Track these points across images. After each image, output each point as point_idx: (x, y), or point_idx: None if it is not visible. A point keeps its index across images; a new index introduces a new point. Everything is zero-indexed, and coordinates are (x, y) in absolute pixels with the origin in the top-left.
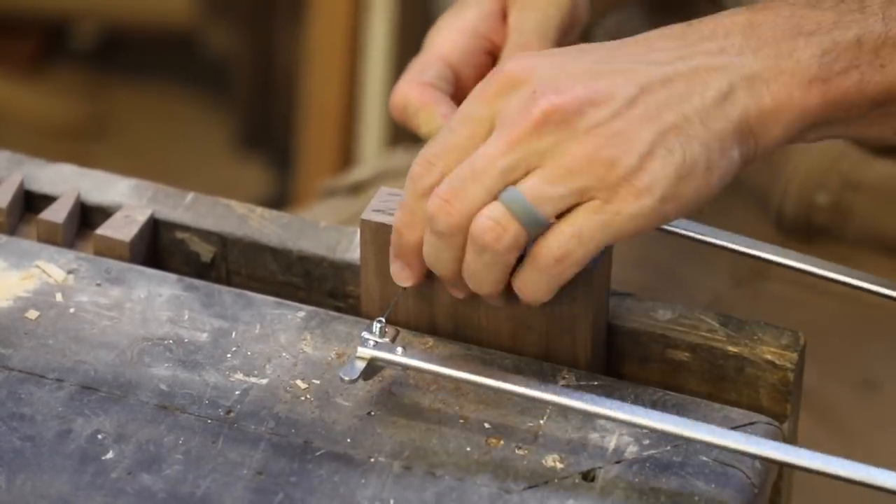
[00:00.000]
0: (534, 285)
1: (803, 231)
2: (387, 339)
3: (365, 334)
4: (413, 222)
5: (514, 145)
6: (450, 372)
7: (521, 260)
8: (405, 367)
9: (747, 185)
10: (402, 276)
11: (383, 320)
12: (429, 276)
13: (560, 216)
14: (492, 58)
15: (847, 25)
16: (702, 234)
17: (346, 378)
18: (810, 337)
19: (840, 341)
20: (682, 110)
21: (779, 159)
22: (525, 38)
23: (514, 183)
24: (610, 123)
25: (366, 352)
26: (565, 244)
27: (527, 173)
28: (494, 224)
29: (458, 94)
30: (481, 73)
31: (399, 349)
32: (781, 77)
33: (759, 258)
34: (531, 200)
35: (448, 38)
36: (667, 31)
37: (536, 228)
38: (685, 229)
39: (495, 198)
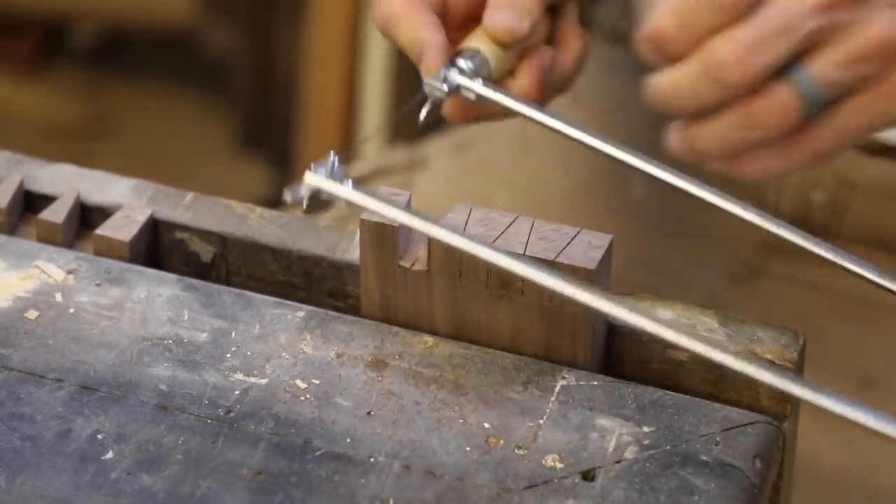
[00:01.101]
0: (775, 166)
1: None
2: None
3: (316, 166)
4: (682, 24)
5: (824, 7)
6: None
7: None
8: (349, 202)
9: (743, 182)
10: (650, 54)
11: (334, 155)
12: (429, 276)
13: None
14: None
15: None
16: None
17: (288, 199)
18: (808, 335)
19: (839, 339)
20: None
21: None
22: None
23: (810, 48)
24: None
25: (314, 179)
26: (828, 142)
27: (819, 42)
28: (782, 110)
29: (446, 15)
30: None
31: (350, 183)
32: None
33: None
34: (822, 85)
35: None
36: None
37: (815, 114)
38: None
39: (789, 66)
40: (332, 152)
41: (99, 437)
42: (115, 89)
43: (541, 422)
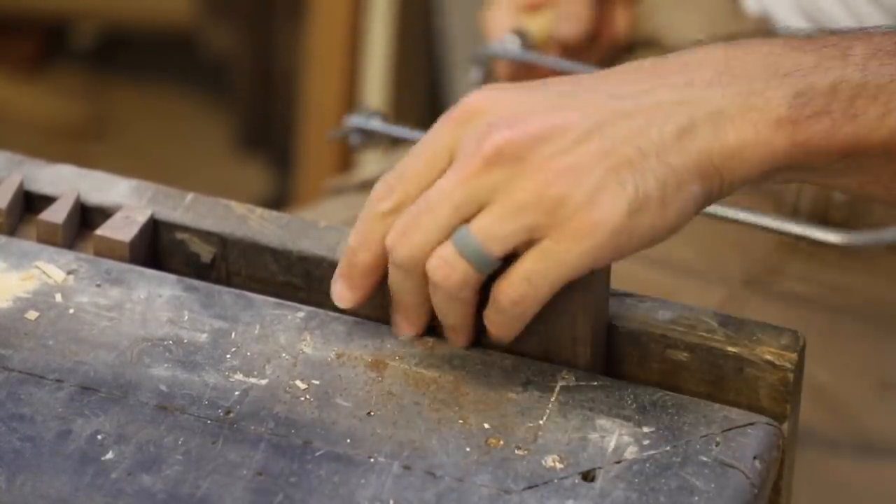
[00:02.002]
0: (499, 324)
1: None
2: None
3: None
4: (365, 242)
5: (467, 180)
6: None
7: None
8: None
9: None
10: (344, 296)
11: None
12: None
13: (513, 254)
14: None
15: (825, 70)
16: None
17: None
18: (825, 336)
19: (855, 341)
20: (639, 144)
21: None
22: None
23: (469, 216)
24: (560, 158)
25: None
26: (518, 288)
27: (480, 207)
28: (444, 264)
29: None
30: None
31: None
32: (749, 114)
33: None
34: (481, 241)
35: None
36: (637, 65)
37: (487, 267)
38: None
39: (449, 233)
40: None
41: (99, 437)
42: (115, 89)
43: (541, 422)
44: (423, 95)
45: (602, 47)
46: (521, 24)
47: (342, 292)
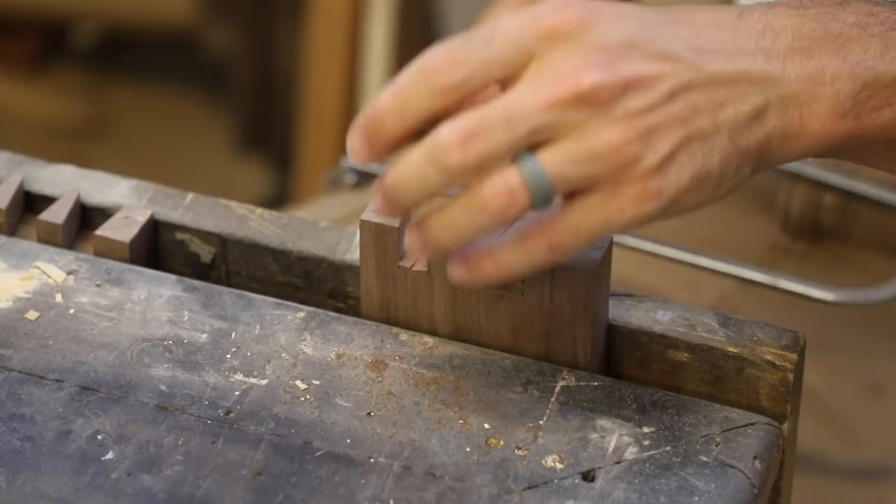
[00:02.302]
0: (513, 261)
1: (809, 231)
2: None
3: None
4: (403, 110)
5: (553, 107)
6: None
7: None
8: None
9: (753, 185)
10: (361, 152)
11: None
12: (429, 276)
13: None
14: None
15: (892, 58)
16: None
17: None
18: (817, 340)
19: (847, 345)
20: (716, 118)
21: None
22: None
23: (541, 142)
24: (645, 116)
25: None
26: (563, 235)
27: (554, 137)
28: (508, 193)
29: None
30: None
31: None
32: (816, 104)
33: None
34: (550, 177)
35: None
36: (719, 19)
37: (546, 205)
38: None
39: (514, 156)
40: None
41: (99, 437)
42: (115, 89)
43: (541, 422)
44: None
45: None
46: None
47: (361, 148)
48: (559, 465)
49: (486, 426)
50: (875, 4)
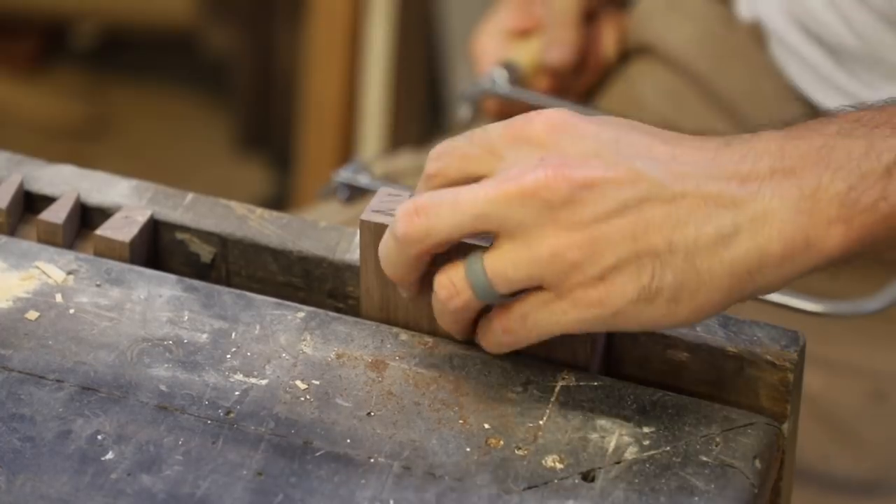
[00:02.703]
0: (489, 339)
1: None
2: None
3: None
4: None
5: (499, 201)
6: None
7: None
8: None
9: None
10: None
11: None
12: (430, 276)
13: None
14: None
15: (878, 155)
16: None
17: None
18: (820, 346)
19: (849, 351)
20: (671, 237)
21: None
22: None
23: (484, 232)
24: (592, 225)
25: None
26: (513, 322)
27: (499, 231)
28: (451, 286)
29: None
30: None
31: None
32: (798, 217)
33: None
34: (490, 276)
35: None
36: (702, 144)
37: (490, 300)
38: None
39: (458, 234)
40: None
41: (99, 437)
42: (115, 89)
43: (541, 422)
44: (423, 95)
45: (591, 71)
46: (509, 52)
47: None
48: (559, 465)
49: (486, 426)
50: (863, 110)
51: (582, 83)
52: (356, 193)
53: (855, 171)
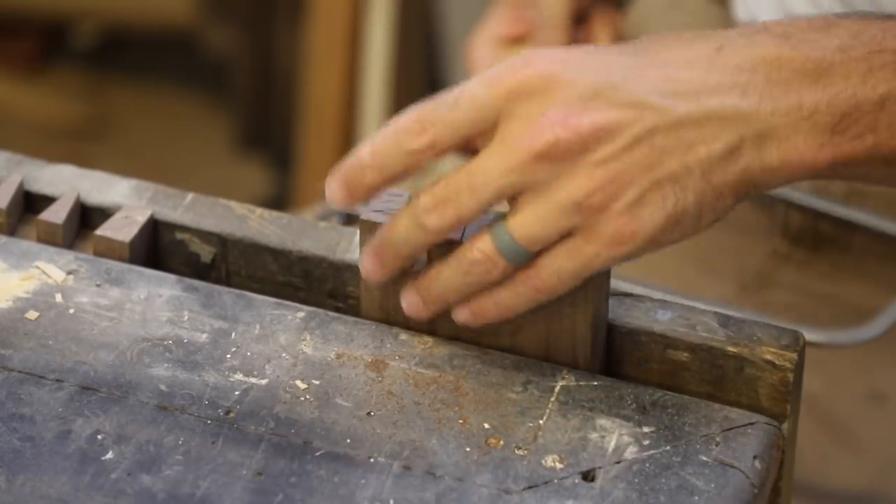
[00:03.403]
0: (508, 304)
1: (810, 239)
2: None
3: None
4: (379, 165)
5: (512, 172)
6: None
7: None
8: None
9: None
10: (337, 197)
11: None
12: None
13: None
14: None
15: (874, 84)
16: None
17: None
18: (818, 346)
19: (848, 352)
20: (686, 160)
21: None
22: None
23: (511, 200)
24: (607, 166)
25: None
26: (546, 280)
27: (521, 194)
28: (485, 259)
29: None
30: None
31: None
32: (795, 137)
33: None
34: (519, 239)
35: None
36: (695, 55)
37: (523, 262)
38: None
39: (484, 211)
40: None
41: (99, 437)
42: (115, 89)
43: (541, 422)
44: (423, 95)
45: None
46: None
47: (340, 195)
48: (559, 465)
49: (486, 426)
50: (862, 21)
51: None
52: (352, 220)
53: (851, 99)
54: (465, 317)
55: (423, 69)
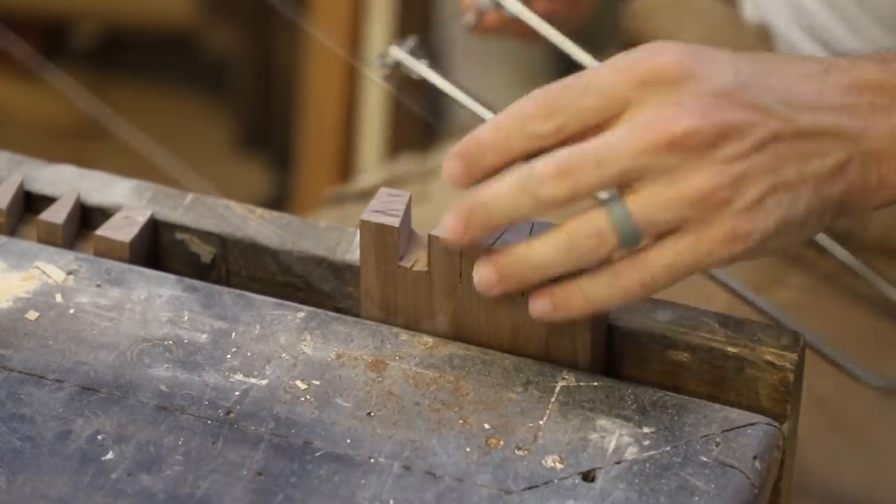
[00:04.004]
0: (605, 297)
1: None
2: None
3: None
4: (500, 148)
5: (644, 153)
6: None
7: None
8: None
9: None
10: (459, 180)
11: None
12: (429, 276)
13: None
14: None
15: None
16: None
17: (376, 64)
18: (828, 345)
19: (857, 350)
20: (802, 170)
21: None
22: None
23: (628, 183)
24: (735, 163)
25: (398, 52)
26: (657, 275)
27: (642, 179)
28: (598, 235)
29: None
30: None
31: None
32: (893, 161)
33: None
34: (637, 222)
35: None
36: (806, 72)
37: (634, 245)
38: None
39: (603, 195)
40: (412, 37)
41: (99, 437)
42: (115, 89)
43: (541, 422)
44: (423, 95)
45: None
46: None
47: (460, 174)
48: (559, 465)
49: (486, 426)
50: None
51: (577, 9)
52: (403, 77)
53: None
54: (544, 308)
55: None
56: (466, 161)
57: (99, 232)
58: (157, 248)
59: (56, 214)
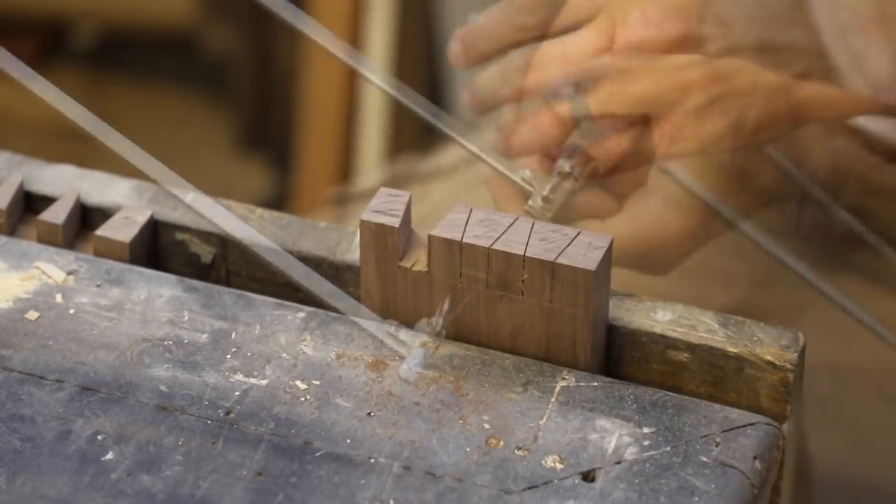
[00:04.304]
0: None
1: (823, 236)
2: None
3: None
4: (493, 35)
5: (603, 53)
6: None
7: None
8: None
9: (766, 190)
10: (457, 58)
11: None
12: (429, 276)
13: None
14: None
15: None
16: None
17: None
18: (831, 346)
19: (861, 353)
20: (756, 80)
21: (797, 166)
22: None
23: (587, 84)
24: (686, 70)
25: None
26: (606, 153)
27: (601, 77)
28: (561, 123)
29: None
30: None
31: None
32: (859, 79)
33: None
34: (595, 113)
35: None
36: None
37: (590, 135)
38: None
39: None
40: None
41: (99, 437)
42: (115, 89)
43: (541, 422)
44: (423, 95)
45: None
46: None
47: (456, 53)
48: (559, 466)
49: (486, 426)
50: None
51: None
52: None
53: None
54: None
55: (423, 69)
56: (465, 44)
57: (99, 232)
58: (157, 248)
59: (56, 214)
